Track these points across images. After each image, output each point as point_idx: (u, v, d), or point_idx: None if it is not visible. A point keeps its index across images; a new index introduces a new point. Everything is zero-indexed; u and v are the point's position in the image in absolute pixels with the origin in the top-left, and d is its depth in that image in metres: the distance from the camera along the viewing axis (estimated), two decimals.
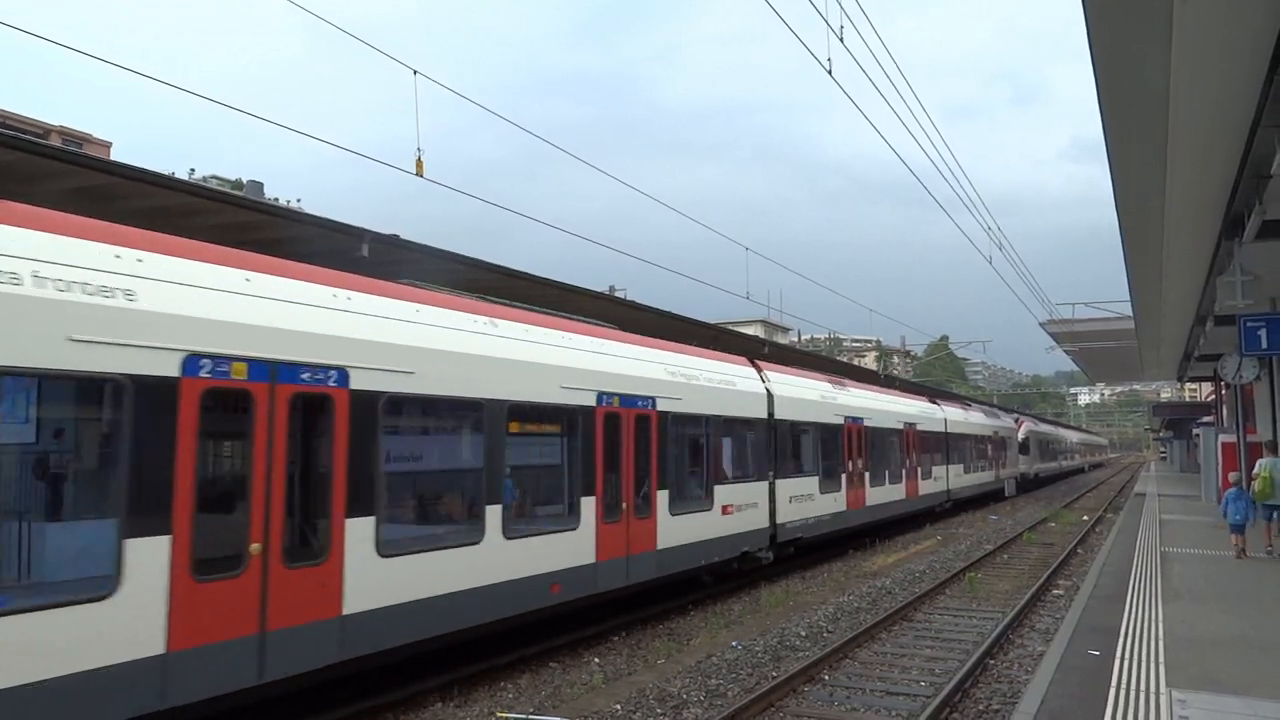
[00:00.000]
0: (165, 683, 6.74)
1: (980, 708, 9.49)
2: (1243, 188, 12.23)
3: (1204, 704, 7.49)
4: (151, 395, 6.83)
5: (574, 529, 11.70)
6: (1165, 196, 13.13)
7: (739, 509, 16.10)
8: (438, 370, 9.56)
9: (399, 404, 9.25)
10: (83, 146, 46.65)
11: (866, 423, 23.11)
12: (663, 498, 13.66)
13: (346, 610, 8.22)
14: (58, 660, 6.11)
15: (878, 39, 12.94)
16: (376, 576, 8.57)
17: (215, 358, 7.33)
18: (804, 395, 19.88)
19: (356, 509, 8.44)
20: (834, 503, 20.63)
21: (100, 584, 6.41)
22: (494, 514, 10.22)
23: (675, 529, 13.90)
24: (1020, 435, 49.15)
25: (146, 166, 10.49)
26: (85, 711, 6.28)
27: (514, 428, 10.84)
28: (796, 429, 19.24)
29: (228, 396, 7.52)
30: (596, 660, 11.56)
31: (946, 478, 31.89)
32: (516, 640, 11.42)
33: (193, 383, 7.13)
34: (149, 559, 6.69)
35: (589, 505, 11.99)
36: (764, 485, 17.34)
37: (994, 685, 10.33)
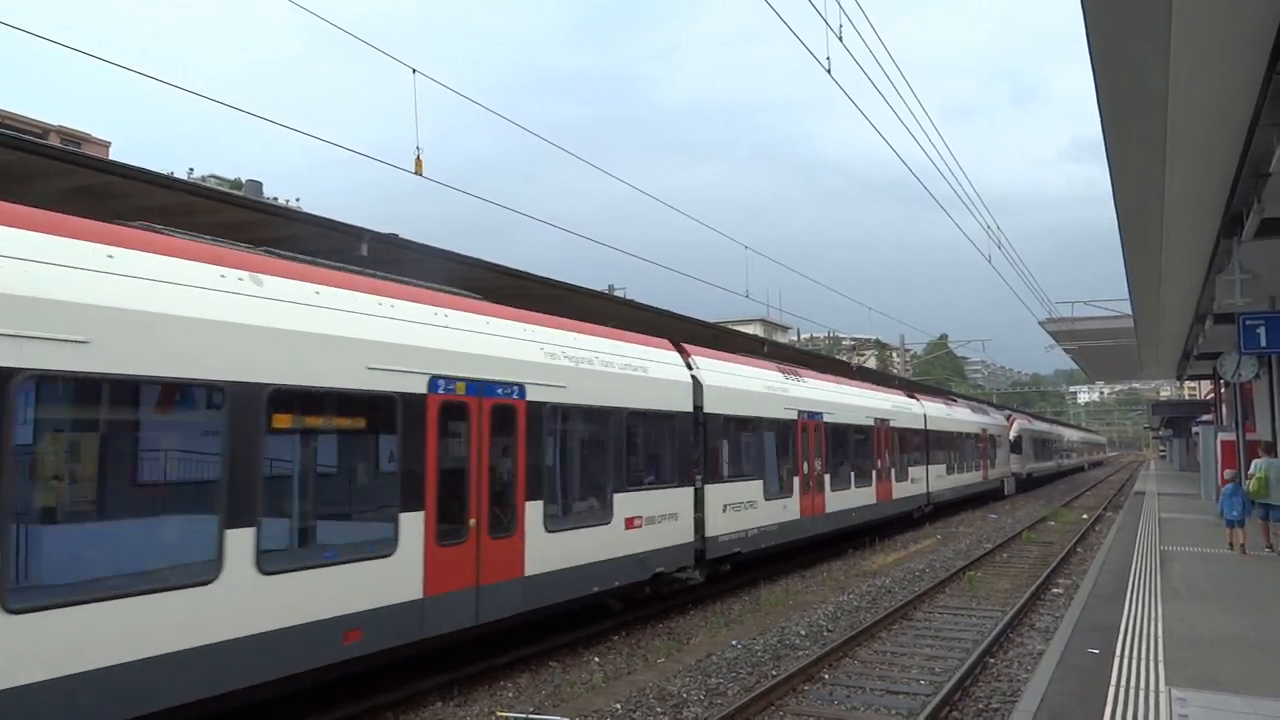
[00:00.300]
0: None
1: (980, 706, 9.50)
2: (1242, 186, 12.25)
3: (1204, 702, 7.49)
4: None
5: (386, 556, 8.87)
6: (1164, 195, 13.14)
7: (650, 521, 13.35)
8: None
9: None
10: (81, 146, 46.64)
11: (827, 418, 20.75)
12: (534, 511, 10.95)
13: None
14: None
15: (877, 39, 12.95)
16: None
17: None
18: (744, 386, 17.32)
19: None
20: (784, 510, 18.16)
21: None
22: (239, 541, 7.49)
23: (553, 550, 11.15)
24: (1012, 433, 47.14)
25: (145, 166, 10.51)
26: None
27: (282, 421, 8.18)
28: (734, 425, 16.65)
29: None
30: (596, 659, 11.56)
31: (926, 479, 29.21)
32: (516, 640, 11.42)
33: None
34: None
35: (412, 524, 9.15)
36: (687, 492, 14.58)
37: (994, 684, 10.33)
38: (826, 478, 20.60)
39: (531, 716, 9.02)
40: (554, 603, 11.27)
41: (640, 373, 13.63)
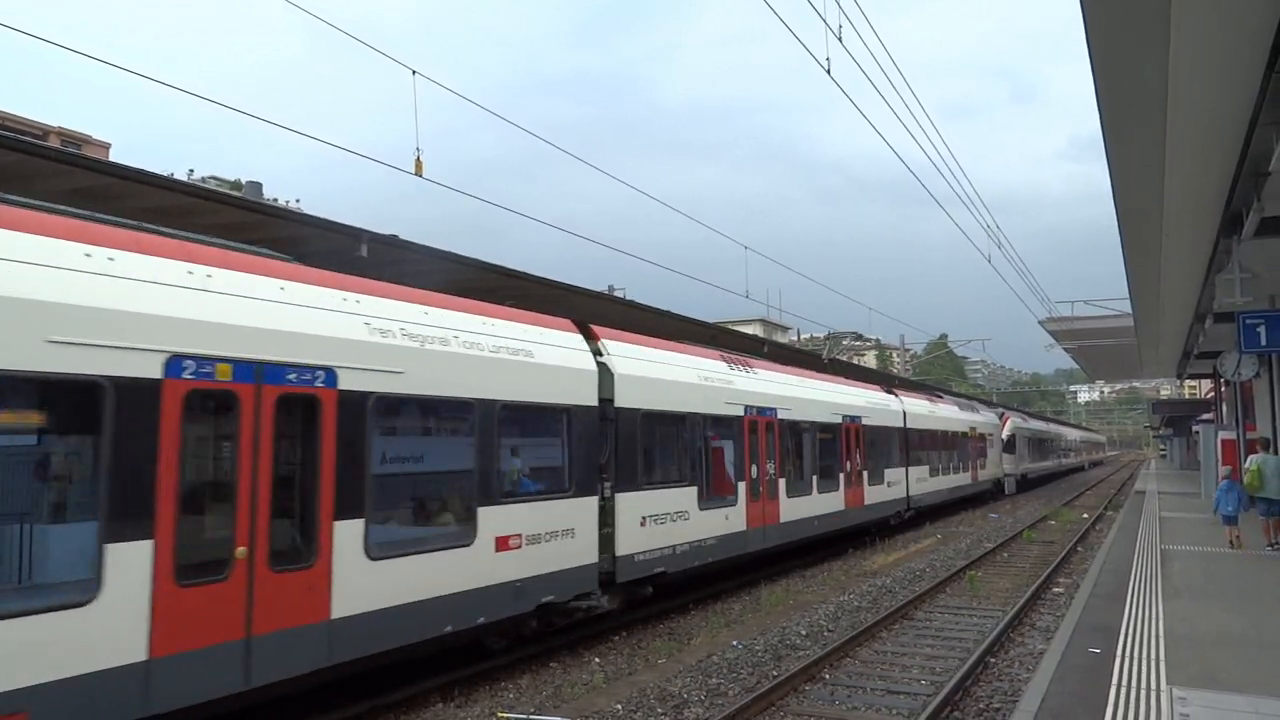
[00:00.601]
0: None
1: (981, 706, 9.49)
2: (1241, 185, 12.25)
3: (1205, 701, 7.49)
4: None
5: (81, 605, 6.44)
6: (1164, 194, 13.15)
7: (533, 540, 10.83)
8: None
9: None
10: (81, 147, 46.66)
11: (782, 415, 18.28)
12: (347, 534, 8.40)
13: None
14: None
15: (876, 38, 12.95)
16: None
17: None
18: (671, 376, 14.55)
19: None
20: (725, 521, 15.58)
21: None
22: None
23: (378, 583, 8.68)
24: (1005, 432, 44.83)
25: (145, 167, 10.52)
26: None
27: None
28: (657, 421, 14.00)
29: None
30: (597, 660, 11.56)
31: (905, 482, 26.91)
32: (517, 641, 11.41)
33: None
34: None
35: (129, 558, 6.69)
36: (590, 503, 12.07)
37: (995, 684, 10.33)
38: (781, 483, 18.02)
39: (532, 717, 9.01)
40: (381, 650, 8.73)
41: (521, 357, 11.04)
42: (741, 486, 16.34)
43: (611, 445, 12.65)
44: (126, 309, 6.92)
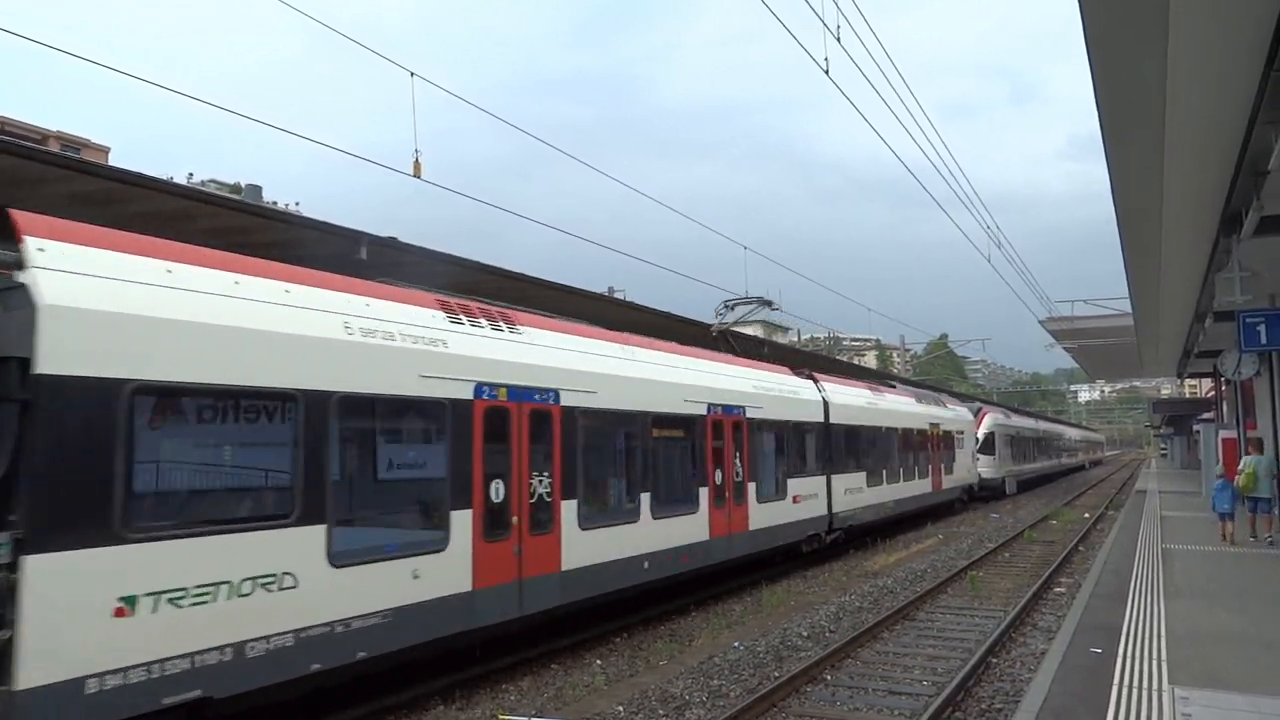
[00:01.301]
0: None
1: (983, 707, 9.49)
2: (1240, 184, 12.23)
3: (1206, 701, 7.48)
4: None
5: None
6: (1163, 193, 13.13)
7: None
8: None
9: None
10: (81, 151, 46.70)
11: (571, 400, 11.87)
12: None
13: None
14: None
15: (874, 38, 12.95)
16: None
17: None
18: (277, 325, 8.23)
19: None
20: (443, 577, 9.57)
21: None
22: None
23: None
24: (981, 430, 39.56)
25: (145, 171, 10.52)
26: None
27: None
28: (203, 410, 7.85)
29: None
30: (598, 662, 11.55)
31: (826, 494, 20.37)
32: (518, 643, 11.41)
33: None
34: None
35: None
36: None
37: (996, 684, 10.32)
38: (574, 508, 11.77)
39: (533, 718, 9.01)
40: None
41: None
42: (460, 520, 9.90)
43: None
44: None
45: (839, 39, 11.23)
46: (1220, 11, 8.13)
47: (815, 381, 21.37)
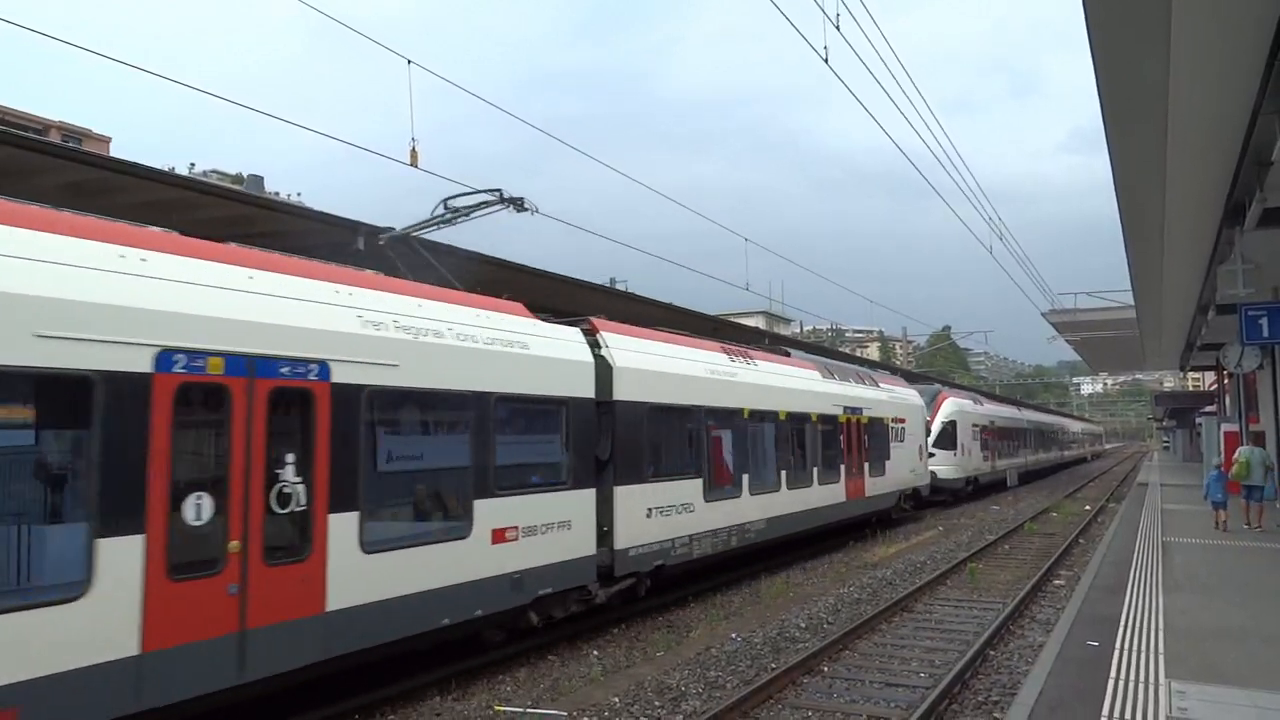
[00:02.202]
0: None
1: (980, 699, 9.47)
2: (1243, 175, 12.18)
3: (1203, 695, 7.46)
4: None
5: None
6: (1165, 186, 13.08)
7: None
8: None
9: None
10: (82, 142, 46.69)
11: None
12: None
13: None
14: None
15: (875, 27, 12.89)
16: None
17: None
18: None
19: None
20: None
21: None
22: None
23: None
24: (938, 419, 32.70)
25: (148, 162, 10.51)
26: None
27: None
28: None
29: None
30: (595, 653, 11.55)
31: (590, 522, 12.21)
32: (515, 634, 11.40)
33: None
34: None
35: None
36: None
37: (994, 676, 10.30)
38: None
39: (529, 710, 9.00)
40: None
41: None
42: None
43: None
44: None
45: (838, 27, 11.17)
46: (1222, 3, 8.08)
47: (596, 336, 13.02)
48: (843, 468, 21.25)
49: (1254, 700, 7.28)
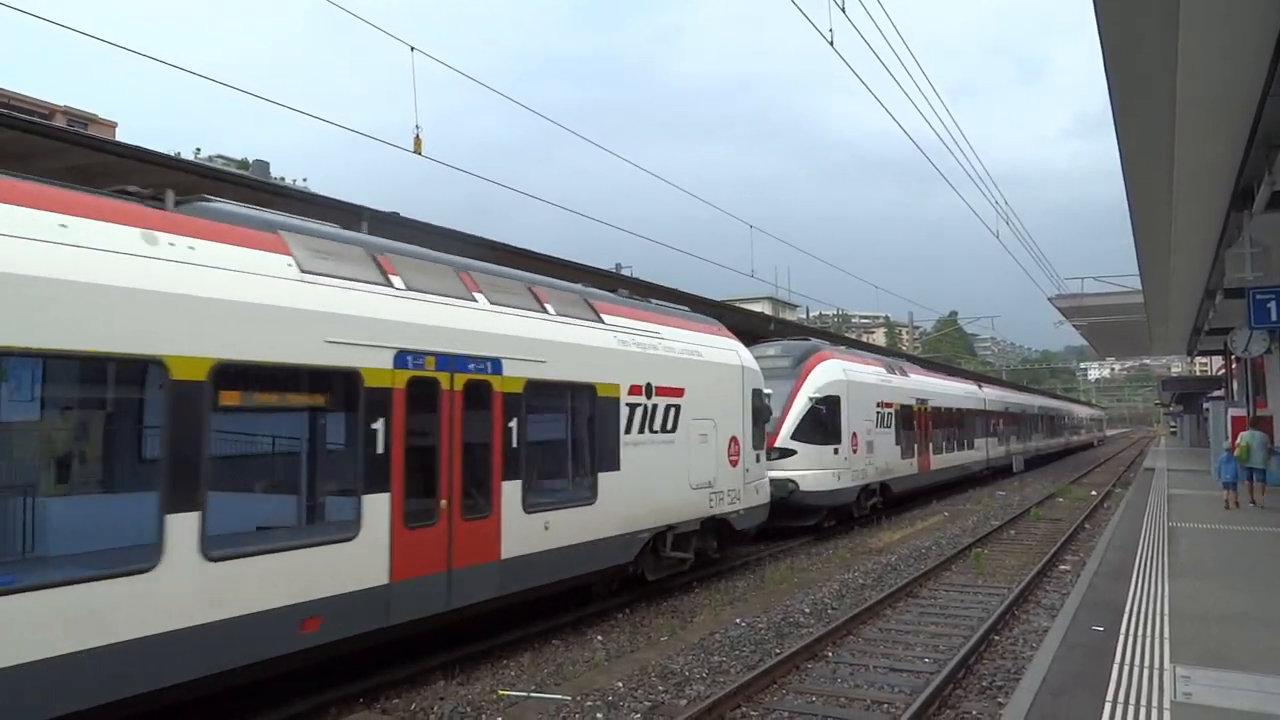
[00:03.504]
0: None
1: (984, 684, 9.47)
2: (1252, 158, 12.10)
3: (1208, 680, 7.44)
4: None
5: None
6: (1174, 169, 12.99)
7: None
8: None
9: None
10: (87, 127, 46.64)
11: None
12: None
13: None
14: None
15: (881, 9, 12.76)
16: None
17: None
18: None
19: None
20: None
21: None
22: None
23: None
24: (805, 393, 20.81)
25: (154, 147, 10.50)
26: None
27: None
28: None
29: None
30: (599, 638, 11.57)
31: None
32: (520, 618, 11.44)
33: None
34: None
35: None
36: None
37: (998, 661, 10.30)
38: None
39: (533, 694, 9.03)
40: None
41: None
42: None
43: None
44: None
45: (843, 9, 11.07)
46: None
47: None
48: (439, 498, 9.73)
49: (1259, 685, 7.26)
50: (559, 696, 8.93)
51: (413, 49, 11.18)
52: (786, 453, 19.92)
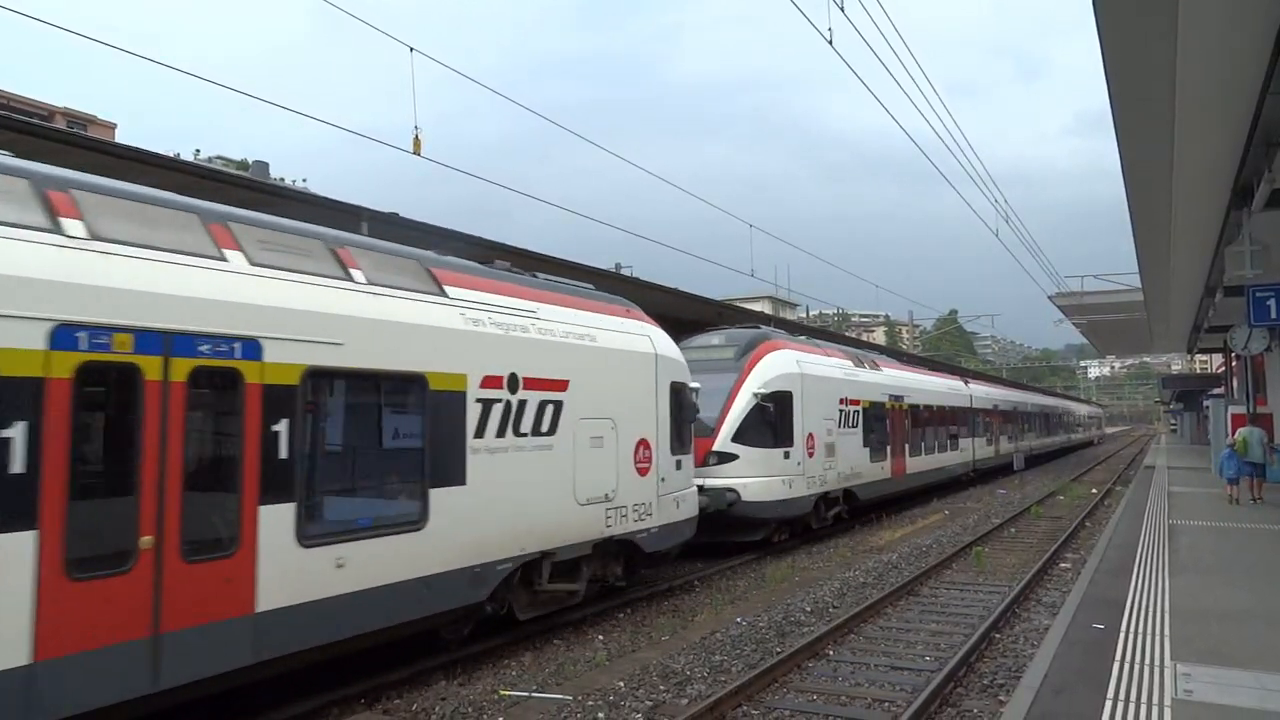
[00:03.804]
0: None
1: (985, 682, 9.48)
2: (1251, 155, 12.11)
3: (1209, 677, 7.45)
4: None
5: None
6: (1173, 166, 13.00)
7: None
8: None
9: None
10: (87, 128, 46.65)
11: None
12: None
13: None
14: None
15: (880, 8, 12.78)
16: None
17: None
18: None
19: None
20: None
21: None
22: None
23: None
24: (752, 387, 18.30)
25: (154, 148, 10.50)
26: None
27: None
28: None
29: None
30: (600, 637, 11.57)
31: None
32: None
33: None
34: None
35: None
36: None
37: (999, 659, 10.31)
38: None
39: (534, 694, 9.03)
40: None
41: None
42: None
43: None
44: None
45: (842, 8, 11.08)
46: None
47: None
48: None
49: (1260, 682, 7.27)
50: (560, 696, 8.94)
51: (412, 50, 11.19)
52: (726, 457, 17.40)
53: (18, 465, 6.00)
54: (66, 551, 6.23)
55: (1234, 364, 33.31)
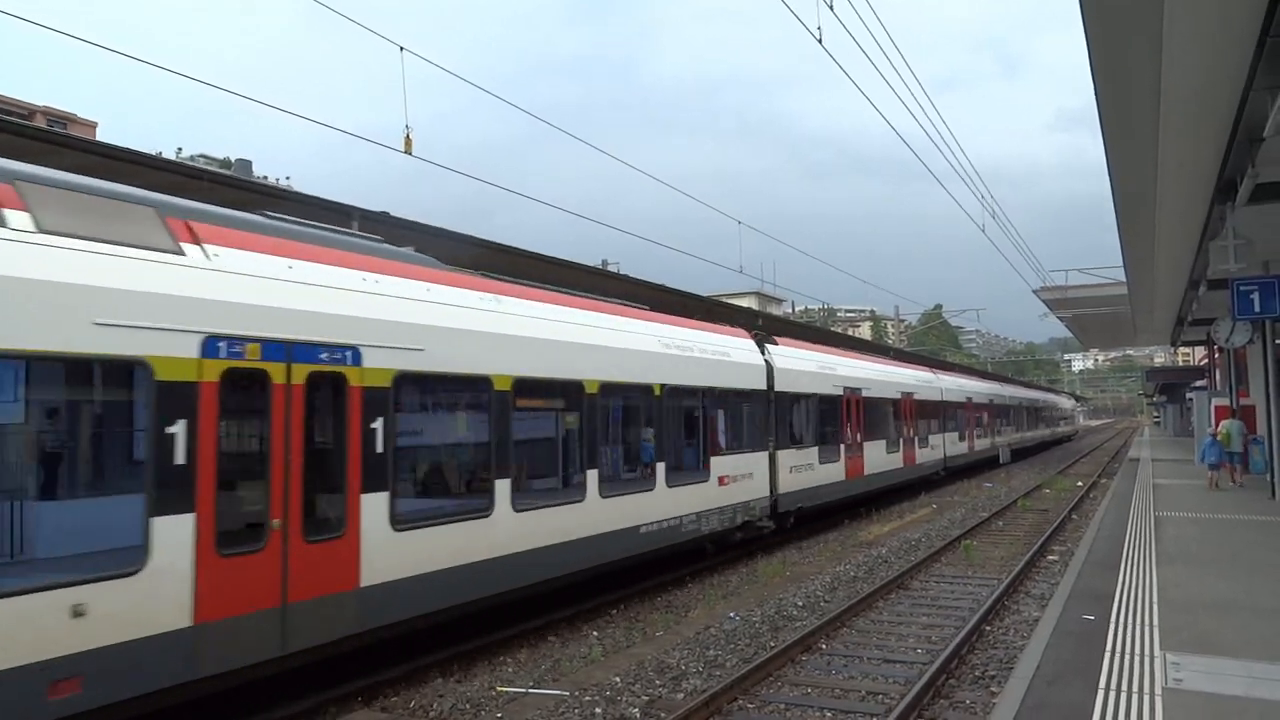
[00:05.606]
0: None
1: (977, 674, 9.56)
2: (1235, 151, 12.21)
3: (1198, 666, 7.54)
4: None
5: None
6: (1158, 161, 13.10)
7: None
8: None
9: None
10: (68, 126, 46.27)
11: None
12: None
13: None
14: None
15: (868, 6, 12.81)
16: None
17: None
18: None
19: None
20: None
21: None
22: None
23: None
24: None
25: (135, 147, 10.43)
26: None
27: None
28: None
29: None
30: (595, 633, 11.61)
31: None
32: (517, 614, 11.47)
33: None
34: None
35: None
36: None
37: (990, 651, 10.40)
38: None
39: (531, 691, 9.07)
40: None
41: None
42: None
43: None
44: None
45: (831, 6, 11.12)
46: None
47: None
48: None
49: (1248, 670, 7.37)
50: (558, 692, 8.98)
51: (402, 49, 11.16)
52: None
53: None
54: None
55: (1217, 356, 33.59)
